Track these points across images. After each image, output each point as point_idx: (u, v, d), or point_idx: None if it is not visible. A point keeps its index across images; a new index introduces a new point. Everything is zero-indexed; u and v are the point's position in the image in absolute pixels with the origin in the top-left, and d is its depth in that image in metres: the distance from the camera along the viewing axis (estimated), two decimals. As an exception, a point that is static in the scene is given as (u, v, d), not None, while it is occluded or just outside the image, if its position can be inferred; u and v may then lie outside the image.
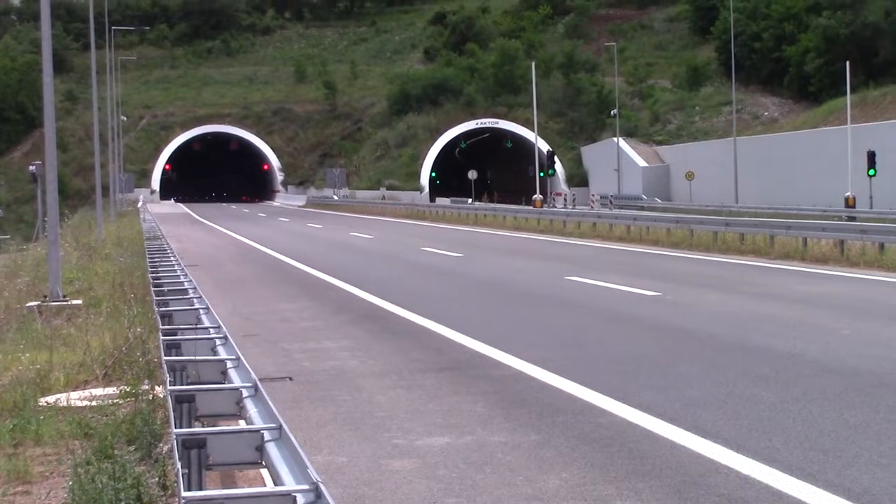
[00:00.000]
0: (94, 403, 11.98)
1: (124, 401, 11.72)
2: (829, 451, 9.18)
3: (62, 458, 9.87)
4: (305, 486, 5.88)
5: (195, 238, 48.71)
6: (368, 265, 31.43)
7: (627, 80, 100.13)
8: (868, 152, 54.52)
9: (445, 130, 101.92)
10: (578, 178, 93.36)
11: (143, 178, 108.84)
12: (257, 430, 6.95)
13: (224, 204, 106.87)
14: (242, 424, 7.88)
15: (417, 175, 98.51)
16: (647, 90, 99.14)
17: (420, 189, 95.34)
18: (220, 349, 10.21)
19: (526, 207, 62.81)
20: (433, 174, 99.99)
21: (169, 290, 15.46)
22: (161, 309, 13.29)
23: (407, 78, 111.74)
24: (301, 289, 25.39)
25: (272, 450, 6.74)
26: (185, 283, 16.18)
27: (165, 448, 9.38)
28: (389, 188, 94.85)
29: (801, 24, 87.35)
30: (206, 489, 6.84)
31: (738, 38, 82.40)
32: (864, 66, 74.66)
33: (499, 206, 67.19)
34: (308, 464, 6.05)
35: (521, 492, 8.41)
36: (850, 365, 13.05)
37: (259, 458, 6.85)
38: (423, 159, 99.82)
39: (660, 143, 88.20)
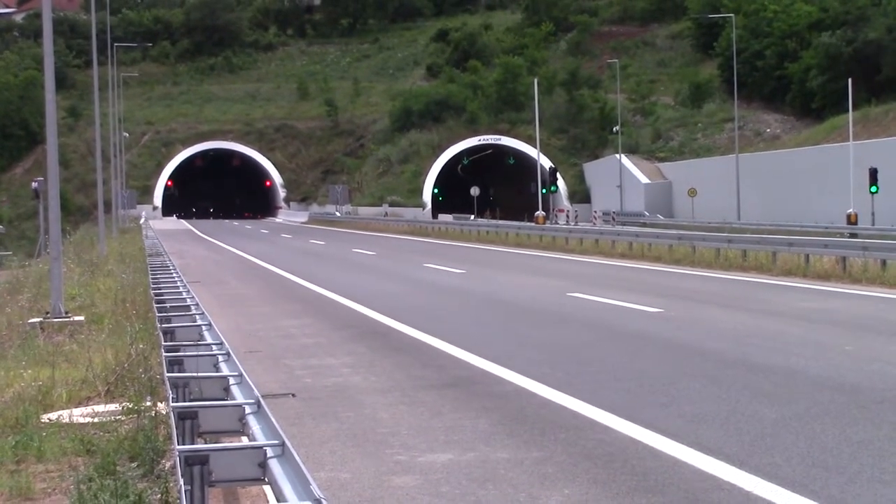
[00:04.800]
0: (96, 420, 11.98)
1: (127, 417, 11.71)
2: (831, 468, 9.18)
3: (64, 475, 9.87)
4: (308, 503, 5.89)
5: (197, 254, 48.72)
6: (370, 282, 31.44)
7: (630, 96, 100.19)
8: (870, 169, 54.49)
9: (448, 147, 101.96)
10: (581, 195, 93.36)
11: (146, 194, 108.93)
12: (260, 447, 6.96)
13: (226, 220, 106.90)
14: (245, 441, 7.89)
15: (420, 191, 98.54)
16: (650, 107, 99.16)
17: (422, 205, 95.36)
18: (223, 365, 10.22)
19: (528, 224, 62.83)
20: (436, 191, 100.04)
21: (171, 307, 15.46)
22: (163, 325, 13.30)
23: (409, 94, 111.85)
24: (304, 305, 25.40)
25: (275, 466, 6.74)
26: (188, 300, 16.18)
27: (168, 465, 9.39)
28: (392, 205, 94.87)
29: (804, 42, 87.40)
30: (208, 505, 6.85)
31: (741, 55, 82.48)
32: (867, 84, 74.63)
33: (501, 222, 67.28)
34: (311, 480, 6.06)
35: (524, 508, 8.42)
36: (852, 381, 13.04)
37: (262, 474, 6.86)
38: (426, 176, 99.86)
39: (662, 159, 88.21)
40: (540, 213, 68.68)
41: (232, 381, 9.35)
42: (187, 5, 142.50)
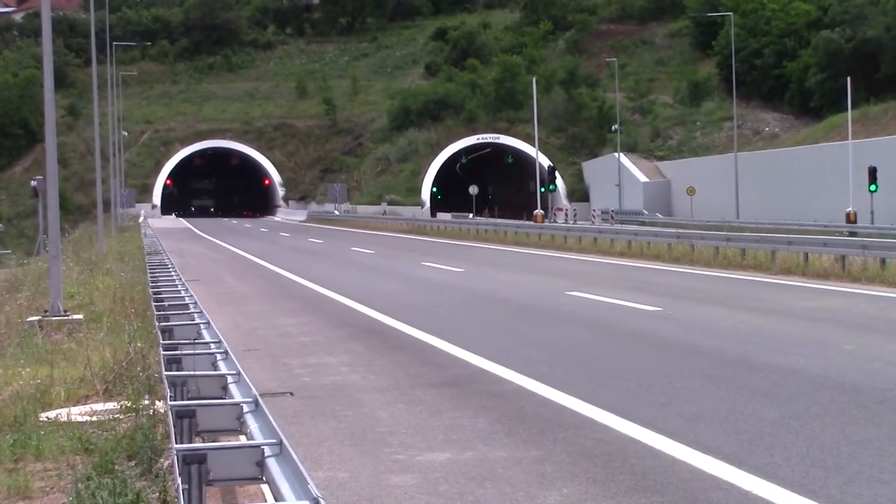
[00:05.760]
0: (94, 418, 11.96)
1: (125, 416, 11.70)
2: (830, 467, 9.16)
3: (63, 474, 9.85)
4: (306, 502, 5.87)
5: (196, 253, 48.70)
6: (369, 280, 31.42)
7: (628, 95, 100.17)
8: (869, 168, 54.52)
9: (446, 146, 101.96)
10: (579, 194, 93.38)
11: (145, 192, 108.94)
12: (258, 446, 6.94)
13: (225, 219, 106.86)
14: (243, 440, 7.87)
15: (418, 190, 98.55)
16: (648, 105, 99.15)
17: (421, 204, 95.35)
18: (221, 364, 10.19)
19: (527, 223, 62.82)
20: (434, 189, 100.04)
21: (170, 305, 15.44)
22: (162, 324, 13.28)
23: (408, 93, 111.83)
24: (302, 304, 25.38)
25: (273, 465, 6.72)
26: (186, 298, 16.15)
27: (166, 463, 9.37)
28: (390, 203, 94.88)
29: (802, 40, 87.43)
30: (206, 505, 6.83)
31: (739, 53, 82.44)
32: (865, 82, 74.65)
33: (500, 221, 67.23)
34: (309, 479, 6.04)
35: (523, 507, 8.40)
36: (851, 380, 13.03)
37: (260, 473, 6.84)
38: (424, 174, 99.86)
39: (661, 158, 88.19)
40: (538, 211, 68.69)
41: (230, 379, 9.34)
42: (186, 4, 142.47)
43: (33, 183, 48.98)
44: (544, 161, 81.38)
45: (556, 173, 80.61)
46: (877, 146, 59.76)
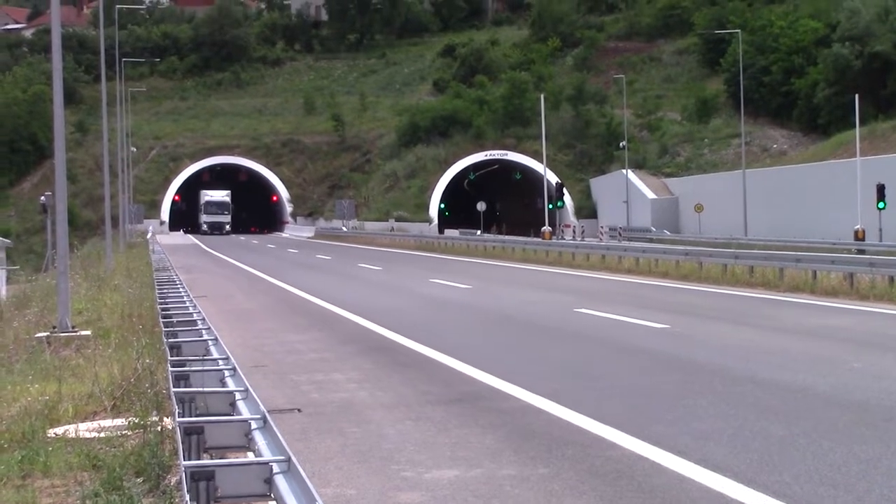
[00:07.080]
0: (102, 435, 11.97)
1: (133, 432, 11.70)
2: (839, 486, 9.14)
3: (70, 490, 9.85)
4: (314, 520, 5.87)
5: (204, 269, 48.71)
6: (377, 297, 31.41)
7: (636, 112, 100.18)
8: (877, 185, 54.46)
9: (454, 162, 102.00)
10: (587, 210, 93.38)
11: (153, 208, 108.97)
12: (266, 463, 6.94)
13: (233, 235, 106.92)
14: (251, 456, 7.87)
15: (426, 207, 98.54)
16: (656, 122, 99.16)
17: (429, 221, 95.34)
18: (229, 381, 10.20)
19: (535, 239, 62.80)
20: (442, 206, 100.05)
21: (178, 321, 15.45)
22: (170, 340, 13.29)
23: (416, 110, 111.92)
24: (310, 320, 25.38)
25: (281, 482, 6.72)
26: (194, 314, 16.16)
27: (174, 480, 9.37)
28: (398, 220, 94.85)
29: (810, 57, 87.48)
30: (214, 522, 6.83)
31: (747, 70, 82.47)
32: (873, 99, 74.65)
33: (507, 237, 67.24)
34: (317, 496, 6.04)
35: (530, 525, 8.38)
36: (860, 399, 13.00)
37: (268, 490, 6.84)
38: (432, 191, 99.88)
39: (669, 175, 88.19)
40: (546, 228, 68.69)
41: (238, 396, 9.34)
42: (195, 21, 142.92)
43: (42, 199, 49.18)
44: (552, 178, 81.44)
45: (564, 190, 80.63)
46: (885, 163, 59.68)
